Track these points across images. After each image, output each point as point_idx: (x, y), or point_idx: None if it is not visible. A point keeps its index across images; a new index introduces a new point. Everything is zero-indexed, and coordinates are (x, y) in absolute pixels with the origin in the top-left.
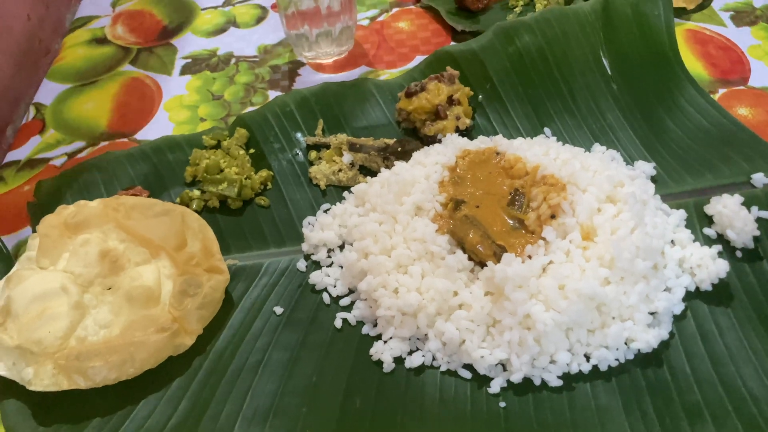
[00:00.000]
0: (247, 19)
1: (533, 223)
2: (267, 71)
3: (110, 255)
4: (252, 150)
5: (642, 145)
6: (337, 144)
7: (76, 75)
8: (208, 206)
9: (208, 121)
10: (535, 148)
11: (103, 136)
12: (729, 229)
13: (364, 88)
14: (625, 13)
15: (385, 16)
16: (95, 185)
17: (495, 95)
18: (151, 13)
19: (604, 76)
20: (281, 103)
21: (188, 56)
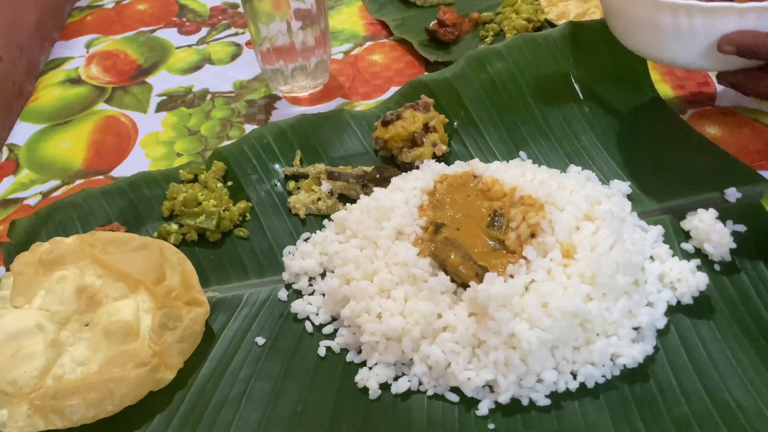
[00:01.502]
0: (222, 56)
1: (513, 242)
2: (243, 106)
3: (87, 291)
4: (230, 182)
5: (617, 165)
6: (315, 173)
7: (50, 115)
8: (186, 240)
9: (184, 156)
10: (512, 171)
11: (79, 174)
12: (706, 243)
13: (341, 118)
14: (593, 37)
15: (359, 49)
16: (71, 223)
17: (470, 121)
18: (126, 53)
19: (576, 99)
20: (258, 135)
21: (163, 93)
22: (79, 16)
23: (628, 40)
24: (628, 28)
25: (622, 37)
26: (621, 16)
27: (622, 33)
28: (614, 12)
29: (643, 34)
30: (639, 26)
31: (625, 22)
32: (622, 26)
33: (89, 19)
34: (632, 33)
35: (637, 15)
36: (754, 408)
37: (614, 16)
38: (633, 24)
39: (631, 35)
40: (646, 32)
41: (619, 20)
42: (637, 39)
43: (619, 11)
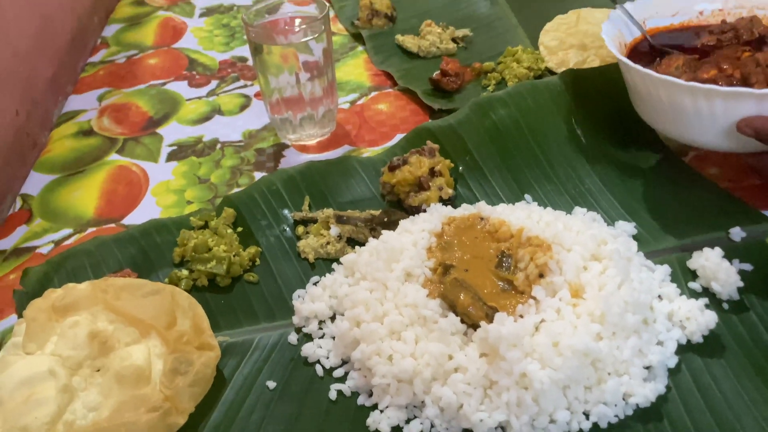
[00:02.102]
0: (231, 107)
1: (522, 283)
2: (252, 154)
3: (99, 336)
4: (240, 229)
5: (621, 207)
6: (324, 218)
7: (63, 166)
8: (197, 285)
9: (195, 203)
10: (518, 213)
11: (91, 223)
12: (713, 282)
13: (348, 164)
14: (593, 83)
15: (365, 99)
16: (83, 270)
17: (475, 166)
18: (137, 105)
19: (578, 143)
20: (267, 182)
21: (174, 144)
22: (92, 70)
23: (650, 118)
24: (650, 108)
25: (645, 115)
26: (644, 97)
27: (644, 111)
28: (637, 92)
29: (664, 114)
30: (660, 106)
31: (648, 102)
32: (645, 105)
33: (102, 73)
34: (654, 112)
35: (659, 96)
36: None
37: (637, 95)
38: (655, 104)
39: (653, 114)
40: (668, 112)
41: (641, 100)
42: (658, 118)
43: (642, 92)
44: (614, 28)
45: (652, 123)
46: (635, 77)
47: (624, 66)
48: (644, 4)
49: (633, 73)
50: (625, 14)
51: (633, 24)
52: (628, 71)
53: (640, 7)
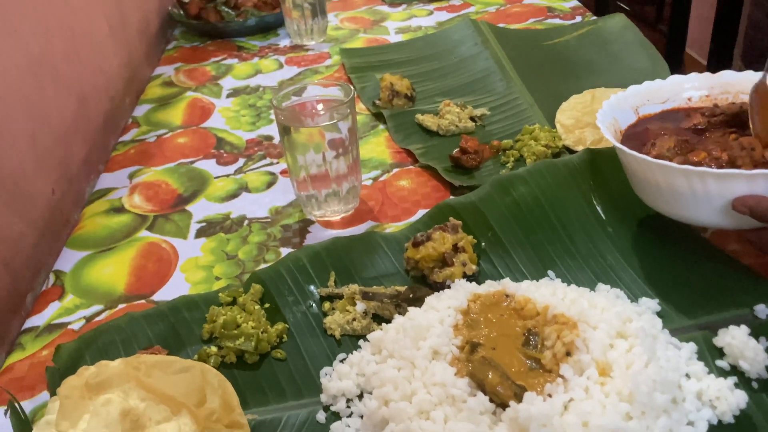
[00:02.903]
0: (258, 185)
1: (550, 361)
2: (278, 230)
3: (131, 414)
4: (267, 304)
5: (644, 283)
6: (349, 294)
7: (94, 242)
8: (225, 362)
9: (223, 279)
10: (543, 290)
11: (121, 299)
12: (741, 360)
13: (372, 240)
14: (611, 162)
15: (387, 175)
16: (114, 346)
17: (497, 242)
18: (167, 183)
19: (598, 220)
20: (294, 258)
21: (203, 220)
22: (123, 149)
23: (649, 199)
24: (648, 190)
25: (644, 197)
26: (641, 180)
27: (642, 193)
28: (635, 176)
29: (661, 195)
30: (657, 188)
31: (645, 185)
32: (643, 188)
33: (132, 152)
34: (652, 194)
35: (656, 179)
36: None
37: (635, 179)
38: (652, 186)
39: (651, 196)
40: (665, 194)
41: (639, 182)
42: (657, 199)
43: (639, 175)
44: (609, 117)
45: (651, 204)
46: (632, 162)
47: (620, 152)
48: (635, 93)
49: (629, 159)
50: (618, 103)
51: (626, 110)
52: (624, 157)
53: (632, 96)
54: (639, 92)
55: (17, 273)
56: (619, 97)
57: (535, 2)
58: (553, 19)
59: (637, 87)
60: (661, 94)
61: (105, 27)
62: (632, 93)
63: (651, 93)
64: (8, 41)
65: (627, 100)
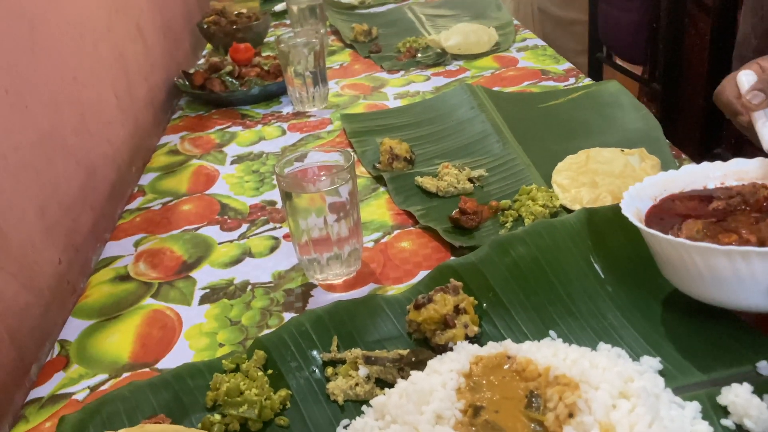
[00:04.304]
0: (261, 249)
1: (553, 423)
2: (281, 295)
3: None
4: (270, 371)
5: (645, 341)
6: (352, 358)
7: (100, 311)
8: (228, 430)
9: (226, 346)
10: (544, 350)
11: (126, 368)
12: (746, 419)
13: (374, 303)
14: (607, 220)
15: (388, 237)
16: (118, 416)
17: (498, 303)
18: (171, 250)
19: (598, 279)
20: (297, 323)
21: (206, 287)
22: (129, 217)
23: (686, 285)
24: (686, 276)
25: (680, 284)
26: (677, 265)
27: (679, 280)
28: (669, 262)
29: (700, 280)
30: (696, 272)
31: (682, 270)
32: (679, 274)
33: (138, 220)
34: (690, 280)
35: (694, 262)
36: None
37: (669, 265)
38: (690, 271)
39: (687, 281)
40: (704, 278)
41: (674, 269)
42: (695, 284)
43: (674, 261)
44: (632, 206)
45: (687, 290)
46: (667, 247)
47: (653, 238)
48: (652, 184)
49: (664, 244)
50: (637, 193)
51: (644, 200)
52: (658, 243)
53: (649, 187)
54: (656, 182)
55: (22, 344)
56: (637, 187)
57: (528, 66)
58: (547, 82)
59: (653, 178)
60: (677, 184)
61: (113, 99)
62: (649, 184)
63: (667, 183)
64: (20, 117)
65: (645, 191)
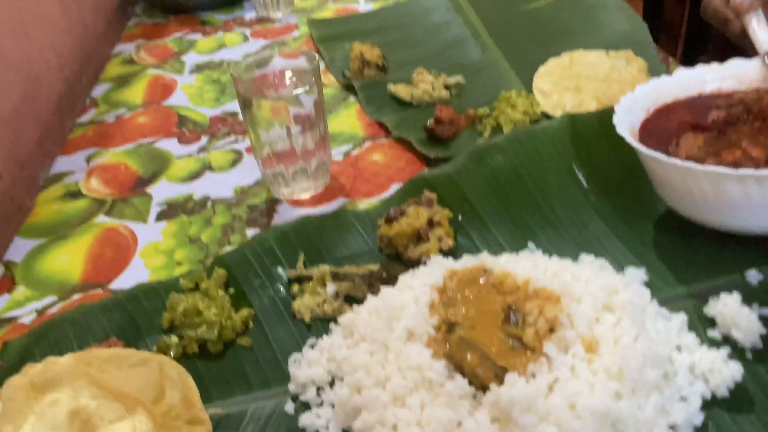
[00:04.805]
0: (222, 163)
1: (532, 339)
2: (244, 211)
3: (81, 414)
4: (232, 290)
5: (629, 252)
6: (319, 275)
7: (48, 230)
8: (186, 352)
9: (185, 264)
10: (523, 263)
11: (76, 289)
12: (734, 330)
13: (344, 218)
14: (591, 126)
15: (359, 150)
16: (67, 341)
17: (474, 215)
18: (126, 165)
19: (580, 188)
20: (260, 240)
21: (164, 203)
22: (80, 131)
23: (687, 209)
24: (689, 199)
25: (680, 207)
26: (679, 187)
27: (679, 203)
28: (669, 182)
29: (707, 206)
30: (702, 198)
31: (685, 195)
32: (681, 197)
33: (90, 133)
34: (693, 203)
35: (700, 187)
36: None
37: (669, 186)
38: (695, 196)
39: (690, 205)
40: (711, 203)
41: (676, 191)
42: (698, 208)
43: (676, 183)
44: (625, 121)
45: (689, 214)
46: (670, 171)
47: (654, 162)
48: (644, 93)
49: (668, 168)
50: (629, 105)
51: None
52: (660, 166)
53: (641, 97)
54: (647, 92)
55: None
56: (628, 99)
57: None
58: None
59: (645, 86)
60: (671, 92)
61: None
62: (641, 94)
63: (660, 91)
64: None
65: (637, 102)
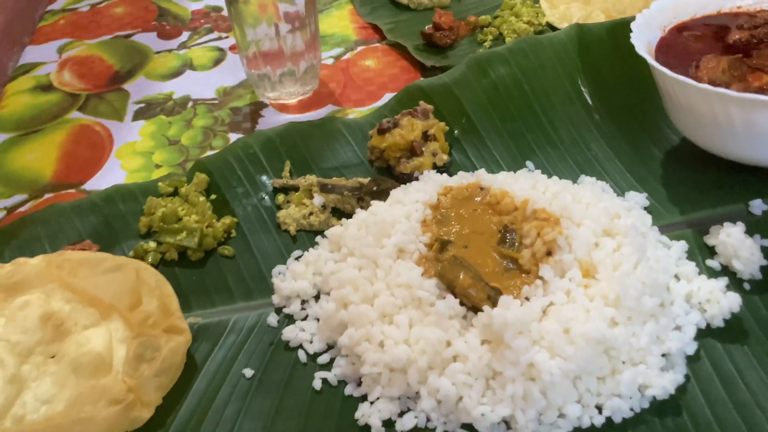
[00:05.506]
0: (204, 62)
1: (528, 261)
2: (227, 114)
3: (54, 318)
4: (213, 196)
5: (631, 176)
6: (306, 186)
7: (18, 124)
8: (165, 259)
9: (164, 167)
10: (522, 182)
11: (48, 188)
12: (734, 260)
13: (333, 126)
14: (600, 39)
15: (351, 54)
16: (38, 241)
17: (472, 129)
18: (101, 59)
19: (585, 105)
20: (243, 145)
21: (141, 101)
22: (51, 19)
23: (707, 139)
24: (712, 128)
25: (698, 137)
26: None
27: (699, 132)
28: (691, 109)
29: (731, 134)
30: (727, 126)
31: (709, 121)
32: (702, 125)
33: (62, 22)
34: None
35: (729, 114)
36: None
37: (689, 113)
38: (720, 123)
39: (712, 134)
40: (737, 132)
41: (698, 119)
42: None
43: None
44: (643, 39)
45: (708, 145)
46: (695, 96)
47: (678, 85)
48: (661, 10)
49: (693, 93)
50: (646, 22)
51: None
52: (684, 91)
53: (657, 14)
54: (664, 8)
55: None
56: (645, 15)
57: None
58: None
59: (661, 2)
60: (689, 9)
61: None
62: (657, 10)
63: (677, 8)
64: None
65: (653, 19)
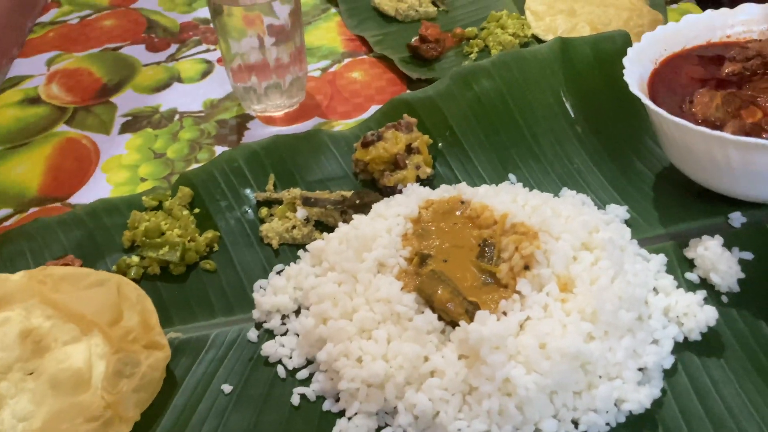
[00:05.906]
0: (191, 74)
1: (506, 275)
2: (213, 126)
3: (33, 335)
4: (197, 210)
5: (613, 188)
6: (290, 199)
7: (5, 137)
8: (147, 273)
9: (149, 180)
10: (502, 196)
11: (33, 202)
12: (713, 273)
13: (318, 139)
14: (584, 53)
15: (337, 66)
16: (21, 256)
17: (455, 142)
18: (89, 71)
19: (567, 118)
20: (228, 158)
21: (128, 114)
22: (41, 32)
23: (704, 177)
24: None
25: (695, 174)
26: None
27: (696, 170)
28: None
29: (729, 173)
30: (726, 166)
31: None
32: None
33: (52, 35)
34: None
35: (728, 155)
36: None
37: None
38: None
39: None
40: (735, 172)
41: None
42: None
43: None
44: (635, 74)
45: (705, 182)
46: (693, 138)
47: (675, 127)
48: (652, 42)
49: (691, 136)
50: (637, 56)
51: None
52: (681, 132)
53: (648, 47)
54: (655, 41)
55: None
56: (636, 50)
57: None
58: None
59: (652, 34)
60: (679, 39)
61: None
62: (648, 43)
63: (667, 39)
64: None
65: (644, 52)
